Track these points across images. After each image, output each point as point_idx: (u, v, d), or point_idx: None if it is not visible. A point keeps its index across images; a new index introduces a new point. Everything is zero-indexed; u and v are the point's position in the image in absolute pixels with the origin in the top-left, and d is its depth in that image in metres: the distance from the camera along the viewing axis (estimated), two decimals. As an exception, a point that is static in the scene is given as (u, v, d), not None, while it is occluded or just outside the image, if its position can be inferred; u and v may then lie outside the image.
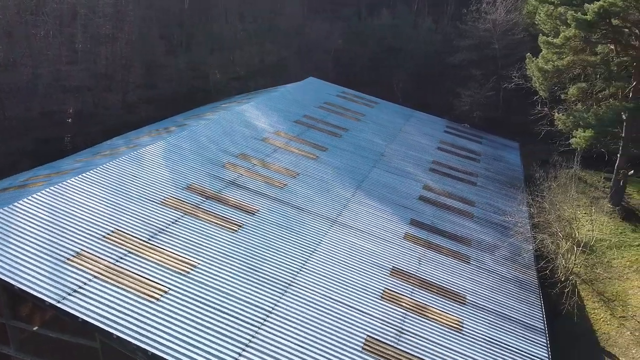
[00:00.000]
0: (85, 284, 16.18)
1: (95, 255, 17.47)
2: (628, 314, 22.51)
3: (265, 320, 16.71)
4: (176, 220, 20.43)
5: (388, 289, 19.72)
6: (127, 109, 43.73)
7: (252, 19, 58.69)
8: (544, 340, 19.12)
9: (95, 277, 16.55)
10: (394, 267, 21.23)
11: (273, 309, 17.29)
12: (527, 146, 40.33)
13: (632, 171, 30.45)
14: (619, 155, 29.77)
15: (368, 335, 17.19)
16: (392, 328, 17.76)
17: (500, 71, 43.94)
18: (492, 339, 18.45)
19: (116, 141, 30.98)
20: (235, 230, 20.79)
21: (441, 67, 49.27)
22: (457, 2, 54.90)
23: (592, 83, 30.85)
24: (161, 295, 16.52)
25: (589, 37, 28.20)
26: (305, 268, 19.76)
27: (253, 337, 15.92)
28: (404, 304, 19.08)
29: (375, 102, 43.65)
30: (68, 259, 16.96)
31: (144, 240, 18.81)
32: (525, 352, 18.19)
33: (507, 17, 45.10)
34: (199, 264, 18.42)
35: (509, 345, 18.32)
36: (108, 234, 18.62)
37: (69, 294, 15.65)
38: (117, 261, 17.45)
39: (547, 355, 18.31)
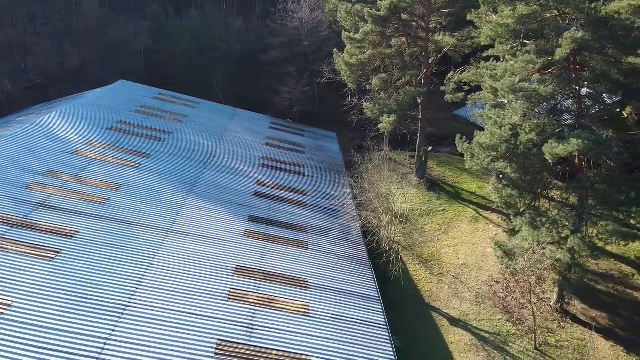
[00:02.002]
0: None
1: None
2: (444, 271, 26.06)
3: (102, 349, 15.25)
4: (-26, 257, 17.27)
5: (234, 289, 19.57)
6: None
7: (45, 20, 52.12)
8: (380, 307, 21.05)
9: None
10: (237, 265, 21.13)
11: (111, 335, 15.87)
12: (343, 135, 43.60)
13: (431, 147, 35.18)
14: (418, 135, 34.04)
15: (219, 339, 16.86)
16: (242, 326, 17.70)
17: (312, 67, 46.52)
18: (336, 315, 19.65)
19: None
20: (53, 258, 18.49)
21: (257, 65, 50.20)
22: (265, 2, 56.43)
23: (391, 73, 34.58)
24: (-34, 348, 13.85)
25: (385, 32, 31.54)
26: (142, 285, 18.49)
27: (92, 369, 14.38)
28: (251, 300, 19.15)
29: (196, 103, 42.59)
30: None
31: None
32: (365, 321, 19.79)
33: (312, 15, 47.82)
34: (13, 302, 15.92)
35: (351, 318, 19.73)
36: None
37: None
38: None
39: (383, 320, 20.20)
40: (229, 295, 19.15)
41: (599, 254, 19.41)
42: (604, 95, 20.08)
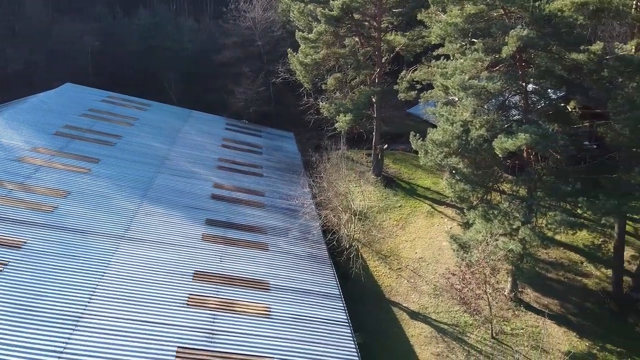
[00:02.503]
0: None
1: None
2: (402, 265, 26.49)
3: (56, 364, 14.61)
4: None
5: (193, 294, 19.17)
6: None
7: (-15, 23, 49.50)
8: (342, 305, 21.14)
9: None
10: (196, 270, 20.71)
11: (64, 349, 15.24)
12: (301, 134, 43.58)
13: (386, 145, 35.71)
14: (374, 133, 34.46)
15: (179, 347, 16.48)
16: (203, 332, 17.36)
17: (267, 67, 46.22)
18: (298, 315, 19.59)
19: None
20: (0, 271, 17.51)
21: (211, 65, 49.40)
22: (217, 1, 55.58)
23: (345, 73, 34.84)
24: None
25: (338, 32, 31.71)
26: (96, 295, 17.84)
27: (44, 386, 13.75)
28: (211, 305, 18.81)
29: (147, 105, 41.48)
30: None
31: None
32: (327, 319, 19.82)
33: (265, 15, 47.46)
34: (-47, 320, 14.97)
35: (313, 317, 19.71)
36: None
37: None
38: None
39: (345, 317, 20.30)
40: (188, 301, 18.74)
41: (548, 243, 20.25)
42: (549, 90, 20.95)
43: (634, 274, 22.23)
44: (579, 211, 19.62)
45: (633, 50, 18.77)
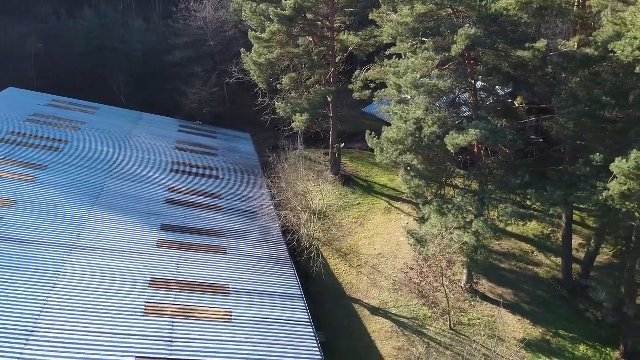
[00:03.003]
0: None
1: None
2: (362, 262, 26.72)
3: (4, 383, 13.89)
4: None
5: (150, 302, 18.67)
6: None
7: None
8: (303, 305, 21.11)
9: None
10: (152, 277, 20.16)
11: (14, 365, 14.51)
12: (258, 135, 43.16)
13: (343, 144, 35.90)
14: (330, 133, 34.58)
15: (137, 357, 16.04)
16: (161, 340, 16.94)
17: (220, 67, 45.53)
18: (260, 317, 19.42)
19: None
20: (-62, 287, 16.55)
21: (162, 66, 48.21)
22: (166, 1, 54.32)
23: (300, 72, 34.76)
24: None
25: (291, 31, 31.60)
26: (47, 307, 17.11)
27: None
28: (169, 312, 18.38)
29: (95, 108, 40.07)
30: None
31: None
32: (289, 320, 19.76)
33: (216, 14, 46.75)
34: None
35: (275, 319, 19.60)
36: None
37: None
38: None
39: (307, 317, 20.29)
40: (145, 309, 18.23)
41: (501, 235, 20.93)
42: (497, 87, 21.62)
43: (582, 262, 23.28)
44: (528, 203, 20.36)
45: (576, 46, 19.71)
